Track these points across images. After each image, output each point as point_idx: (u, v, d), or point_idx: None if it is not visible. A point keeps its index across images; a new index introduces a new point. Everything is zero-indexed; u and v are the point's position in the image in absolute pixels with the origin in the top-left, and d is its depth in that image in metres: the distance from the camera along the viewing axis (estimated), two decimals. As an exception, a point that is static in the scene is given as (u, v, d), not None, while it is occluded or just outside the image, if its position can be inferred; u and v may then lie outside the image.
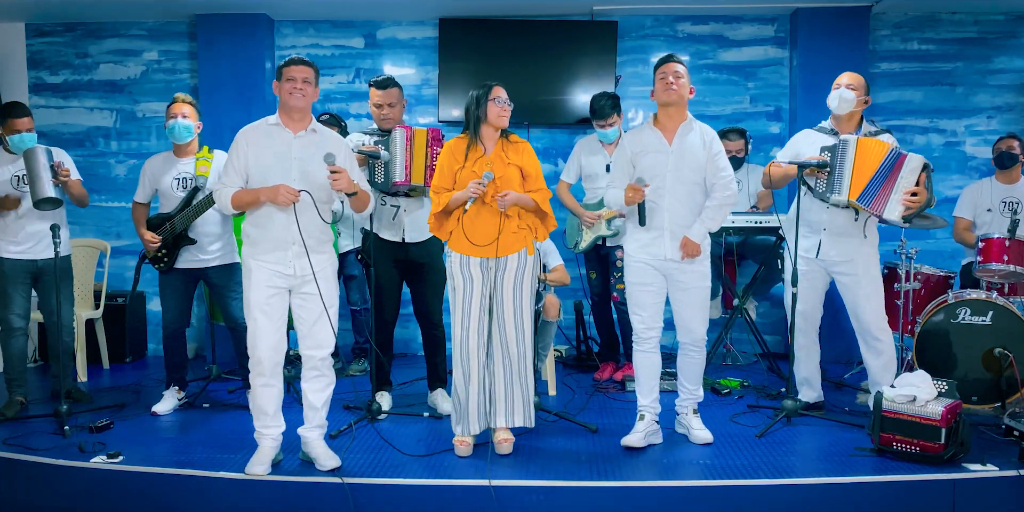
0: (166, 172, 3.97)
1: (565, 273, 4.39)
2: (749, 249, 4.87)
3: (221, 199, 3.11)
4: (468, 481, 3.05)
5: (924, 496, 3.02)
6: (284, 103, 3.12)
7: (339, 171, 3.01)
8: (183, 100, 3.94)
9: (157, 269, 4.02)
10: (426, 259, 3.91)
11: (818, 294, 3.83)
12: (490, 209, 3.27)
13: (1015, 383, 3.75)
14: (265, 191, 3.02)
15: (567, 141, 5.39)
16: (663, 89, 3.33)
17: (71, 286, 4.19)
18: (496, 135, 3.35)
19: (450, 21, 5.26)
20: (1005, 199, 4.48)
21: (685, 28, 5.38)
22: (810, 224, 3.76)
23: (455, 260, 3.33)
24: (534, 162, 3.38)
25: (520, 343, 3.34)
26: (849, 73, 3.73)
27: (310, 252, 3.08)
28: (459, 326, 3.33)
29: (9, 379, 4.04)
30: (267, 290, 3.07)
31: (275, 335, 3.10)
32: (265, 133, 3.13)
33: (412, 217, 3.84)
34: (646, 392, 3.49)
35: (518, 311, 3.33)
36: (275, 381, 3.13)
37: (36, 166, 3.75)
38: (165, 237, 3.93)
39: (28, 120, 3.93)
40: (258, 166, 3.08)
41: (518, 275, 3.32)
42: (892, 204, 3.47)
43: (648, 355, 3.47)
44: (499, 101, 3.28)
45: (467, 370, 3.33)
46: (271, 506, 3.06)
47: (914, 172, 3.46)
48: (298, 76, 3.08)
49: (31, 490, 3.23)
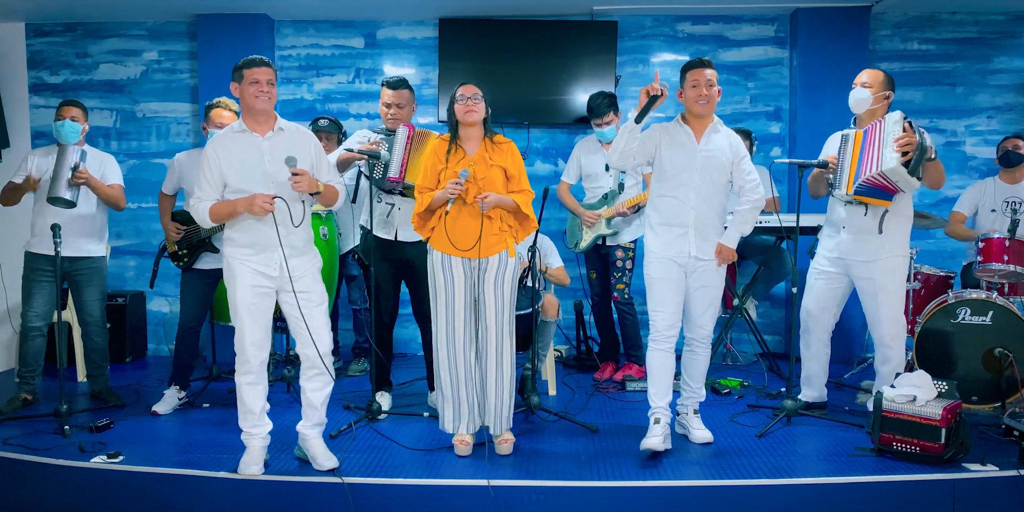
0: (192, 169, 3.97)
1: (565, 274, 4.40)
2: (749, 249, 4.87)
3: (199, 213, 3.07)
4: (468, 481, 3.05)
5: (924, 496, 3.02)
6: (249, 106, 3.07)
7: (300, 173, 2.99)
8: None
9: (177, 266, 4.07)
10: (420, 258, 3.91)
11: (836, 295, 3.79)
12: (472, 210, 3.25)
13: (1015, 383, 3.75)
14: (241, 202, 2.99)
15: (567, 141, 5.39)
16: (695, 98, 3.32)
17: (103, 287, 4.21)
18: (479, 135, 3.32)
19: (450, 21, 5.27)
20: (1008, 199, 4.47)
21: (685, 28, 5.39)
22: (832, 223, 3.76)
23: (436, 259, 3.31)
24: (518, 163, 3.36)
25: (500, 346, 3.31)
26: (868, 70, 3.66)
27: (294, 254, 3.08)
28: (443, 325, 3.31)
29: (21, 376, 4.07)
30: (252, 290, 3.06)
31: (260, 333, 3.09)
32: (233, 141, 3.09)
33: (406, 216, 3.84)
34: (661, 394, 3.42)
35: (500, 313, 3.30)
36: (260, 380, 3.13)
37: (61, 164, 3.83)
38: (190, 238, 3.98)
39: (76, 109, 3.99)
40: (233, 174, 3.05)
41: (499, 276, 3.30)
42: (886, 154, 3.38)
43: (665, 354, 3.42)
44: (462, 99, 3.26)
45: (455, 370, 3.32)
46: (271, 506, 3.06)
47: (896, 123, 3.41)
48: (262, 78, 3.04)
49: (31, 490, 3.23)
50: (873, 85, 3.60)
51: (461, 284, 3.29)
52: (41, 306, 4.00)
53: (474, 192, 3.24)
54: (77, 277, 4.09)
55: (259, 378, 3.12)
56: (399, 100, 3.90)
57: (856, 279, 3.69)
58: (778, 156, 5.30)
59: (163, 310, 5.55)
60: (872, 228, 3.59)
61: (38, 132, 5.50)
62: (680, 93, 3.38)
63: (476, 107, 3.25)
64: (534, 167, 5.35)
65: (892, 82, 3.64)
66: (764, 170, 4.85)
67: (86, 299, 4.13)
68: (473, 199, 3.23)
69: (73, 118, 3.96)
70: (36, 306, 4.00)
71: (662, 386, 3.42)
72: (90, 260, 4.11)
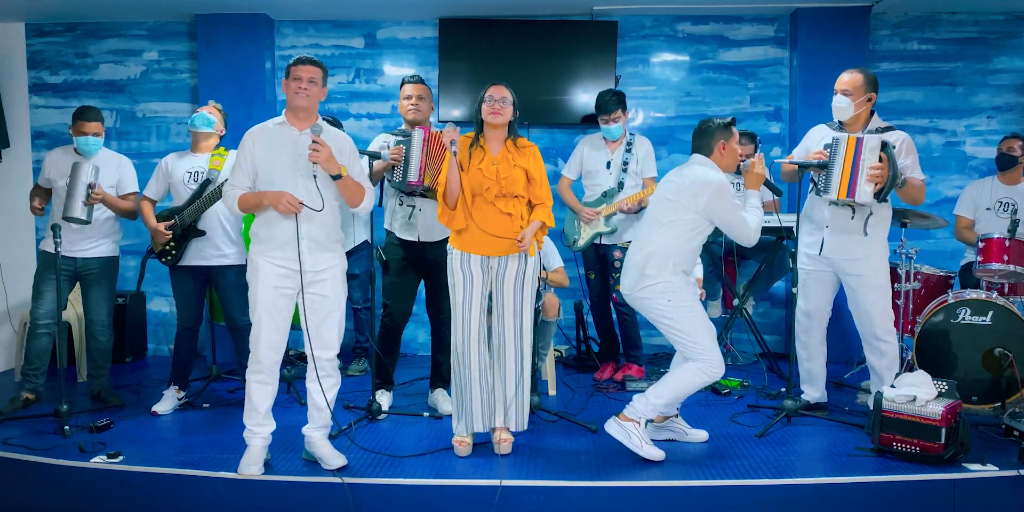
0: (180, 166, 4.03)
1: (565, 275, 4.40)
2: (749, 248, 4.86)
3: (228, 199, 3.14)
4: (468, 481, 3.05)
5: (924, 496, 3.02)
6: (289, 102, 3.14)
7: (320, 143, 3.01)
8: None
9: (164, 263, 4.04)
10: (443, 258, 3.91)
11: (826, 293, 3.81)
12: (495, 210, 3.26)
13: (1015, 383, 3.75)
14: (269, 195, 3.03)
15: (567, 141, 5.39)
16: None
17: (112, 288, 4.22)
18: (502, 136, 3.34)
19: (450, 21, 5.27)
20: (1002, 199, 4.49)
21: (685, 28, 5.39)
22: (814, 221, 3.77)
23: (456, 257, 3.32)
24: (540, 167, 3.38)
25: (518, 346, 3.33)
26: (848, 74, 3.65)
27: (316, 249, 3.10)
28: (460, 324, 3.33)
29: (24, 373, 4.08)
30: (274, 291, 3.08)
31: (277, 335, 3.10)
32: (272, 132, 3.14)
33: (427, 217, 3.84)
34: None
35: (518, 313, 3.32)
36: (271, 380, 3.14)
37: (76, 182, 3.85)
38: (175, 230, 3.96)
39: (97, 124, 4.03)
40: (266, 165, 3.10)
41: (519, 276, 3.32)
42: (861, 185, 3.46)
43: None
44: (490, 100, 3.27)
45: (467, 368, 3.33)
46: (271, 506, 3.06)
47: (873, 151, 3.44)
48: (304, 75, 3.10)
49: (31, 490, 3.23)
50: (853, 92, 3.61)
51: (479, 283, 3.30)
52: (50, 304, 4.01)
53: (495, 191, 3.25)
54: (87, 277, 4.10)
55: (270, 378, 3.13)
56: (419, 92, 4.00)
57: (844, 276, 3.71)
58: (778, 156, 5.30)
59: (163, 310, 5.55)
60: (857, 229, 3.63)
61: (38, 132, 5.49)
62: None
63: (503, 110, 3.27)
64: (534, 167, 5.34)
65: (875, 83, 3.66)
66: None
67: (93, 299, 4.13)
68: (497, 194, 3.25)
69: (96, 134, 4.01)
70: (45, 304, 4.01)
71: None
72: (100, 260, 4.11)
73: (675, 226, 3.28)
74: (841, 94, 3.63)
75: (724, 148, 3.38)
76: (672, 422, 3.52)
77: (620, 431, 3.30)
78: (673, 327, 3.26)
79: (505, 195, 3.28)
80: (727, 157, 3.39)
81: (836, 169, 3.52)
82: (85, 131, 3.99)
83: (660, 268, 3.25)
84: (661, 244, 3.27)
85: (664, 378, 3.33)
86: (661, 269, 3.25)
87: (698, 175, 3.29)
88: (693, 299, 3.29)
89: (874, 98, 3.65)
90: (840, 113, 3.65)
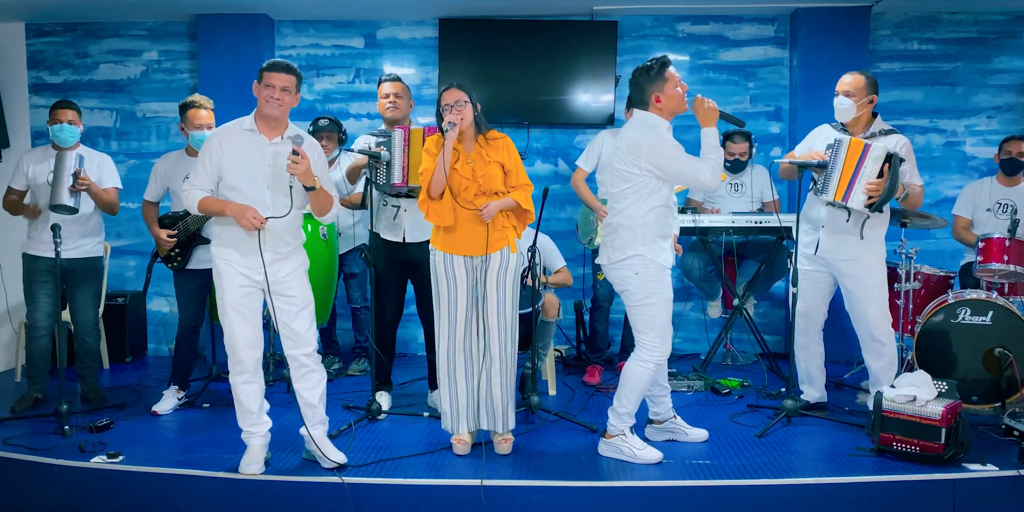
0: (178, 172, 3.97)
1: (568, 275, 4.38)
2: (749, 248, 4.87)
3: (188, 200, 3.06)
4: (468, 481, 3.04)
5: (924, 496, 3.02)
6: (260, 109, 3.06)
7: (301, 155, 2.94)
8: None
9: (170, 268, 4.04)
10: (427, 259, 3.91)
11: (821, 294, 3.82)
12: (473, 215, 3.25)
13: (1015, 383, 3.75)
14: (233, 208, 2.98)
15: (567, 141, 5.39)
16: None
17: (98, 287, 4.21)
18: (472, 134, 3.31)
19: (450, 21, 5.27)
20: (1001, 200, 4.48)
21: (685, 28, 5.38)
22: (811, 221, 3.77)
23: (438, 257, 3.32)
24: (515, 157, 3.35)
25: (503, 344, 3.32)
26: (849, 75, 3.66)
27: (278, 259, 3.07)
28: (445, 324, 3.31)
29: (29, 376, 4.08)
30: (240, 290, 3.06)
31: (252, 332, 3.09)
32: (240, 137, 3.07)
33: (412, 217, 3.84)
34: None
35: (502, 310, 3.31)
36: (256, 378, 3.13)
37: (61, 170, 3.79)
38: (179, 237, 3.96)
39: (72, 112, 3.97)
40: (232, 171, 3.04)
41: (501, 272, 3.31)
42: (856, 193, 3.48)
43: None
44: (447, 108, 3.25)
45: (453, 369, 3.32)
46: (271, 506, 3.06)
47: (876, 161, 3.45)
48: (276, 84, 3.01)
49: (31, 490, 3.23)
50: (855, 93, 3.61)
51: (463, 283, 3.29)
52: (46, 307, 3.99)
53: (474, 190, 3.25)
54: (73, 277, 4.08)
55: (255, 377, 3.13)
56: (396, 90, 4.00)
57: (840, 277, 3.72)
58: (778, 156, 5.29)
59: (163, 310, 5.55)
60: (853, 231, 3.63)
61: (38, 132, 5.49)
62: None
63: (462, 112, 3.23)
64: (534, 167, 5.34)
65: (875, 85, 3.67)
66: (764, 170, 4.86)
67: (79, 299, 4.11)
68: (472, 203, 3.23)
69: (70, 121, 3.95)
70: (43, 306, 3.99)
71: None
72: (86, 260, 4.10)
73: (628, 194, 3.18)
74: (843, 95, 3.63)
75: (659, 100, 3.16)
76: (672, 423, 3.52)
77: (610, 449, 3.32)
78: (630, 300, 3.23)
79: (485, 193, 3.27)
80: (668, 104, 3.18)
81: (836, 171, 3.53)
82: (60, 118, 3.93)
83: (628, 239, 3.18)
84: (623, 216, 3.20)
85: (618, 386, 3.32)
86: (630, 240, 3.18)
87: (630, 137, 3.17)
88: (660, 276, 3.20)
89: (875, 100, 3.66)
90: (842, 114, 3.65)
